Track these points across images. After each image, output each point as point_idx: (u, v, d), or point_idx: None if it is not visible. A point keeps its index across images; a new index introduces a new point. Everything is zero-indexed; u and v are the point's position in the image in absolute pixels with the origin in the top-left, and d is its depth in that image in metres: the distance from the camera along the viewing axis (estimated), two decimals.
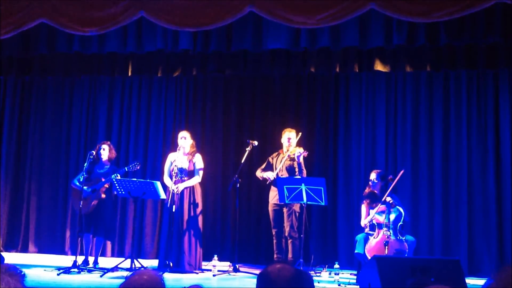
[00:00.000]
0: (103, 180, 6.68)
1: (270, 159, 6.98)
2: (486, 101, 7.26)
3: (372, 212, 6.28)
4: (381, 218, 6.12)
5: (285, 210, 6.69)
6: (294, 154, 6.67)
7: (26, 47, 7.16)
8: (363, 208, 6.54)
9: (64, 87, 8.57)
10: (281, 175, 6.69)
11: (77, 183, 6.78)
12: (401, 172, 6.41)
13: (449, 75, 7.37)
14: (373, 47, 6.52)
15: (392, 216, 6.16)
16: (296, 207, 6.61)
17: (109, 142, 7.10)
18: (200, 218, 6.76)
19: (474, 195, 7.20)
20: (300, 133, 6.87)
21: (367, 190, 6.60)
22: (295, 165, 6.67)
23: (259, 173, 6.94)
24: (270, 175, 6.76)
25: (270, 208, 6.84)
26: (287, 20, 5.98)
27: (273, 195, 6.73)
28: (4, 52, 7.20)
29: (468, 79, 7.33)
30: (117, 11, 6.30)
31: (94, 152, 6.75)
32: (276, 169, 6.79)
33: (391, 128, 7.58)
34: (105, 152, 6.87)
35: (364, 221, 6.44)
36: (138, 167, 6.82)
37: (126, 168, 6.76)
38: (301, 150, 6.65)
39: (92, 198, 6.63)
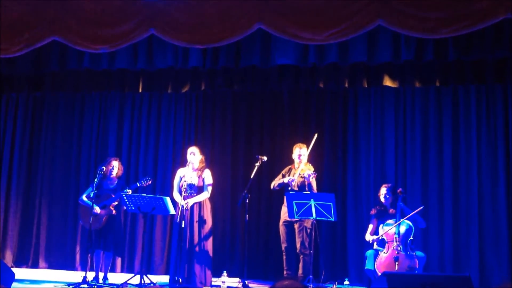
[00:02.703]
0: (113, 196, 6.71)
1: (283, 172, 6.98)
2: (496, 115, 7.25)
3: (384, 227, 6.27)
4: (390, 231, 6.10)
5: (296, 226, 6.67)
6: (304, 174, 6.66)
7: (38, 64, 7.25)
8: (371, 220, 6.54)
9: (75, 104, 8.65)
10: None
11: (85, 199, 6.82)
12: (420, 208, 6.36)
13: (458, 90, 7.37)
14: (381, 62, 6.54)
15: (402, 228, 6.13)
16: (307, 223, 6.59)
17: (118, 158, 7.13)
18: (209, 234, 6.75)
19: (485, 209, 7.15)
20: (316, 134, 6.84)
21: (373, 211, 6.59)
22: (306, 183, 6.65)
23: (276, 181, 6.89)
24: (287, 179, 6.71)
25: (281, 224, 6.82)
26: (296, 36, 6.02)
27: (285, 211, 6.72)
28: (16, 69, 7.30)
29: (477, 93, 7.32)
30: (128, 29, 6.37)
31: (104, 168, 6.79)
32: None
33: (401, 143, 7.56)
34: (116, 168, 6.91)
35: (371, 237, 6.41)
36: (150, 182, 6.82)
37: (137, 183, 6.77)
38: (310, 171, 6.62)
39: (102, 214, 6.66)
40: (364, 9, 5.80)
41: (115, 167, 6.90)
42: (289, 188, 6.69)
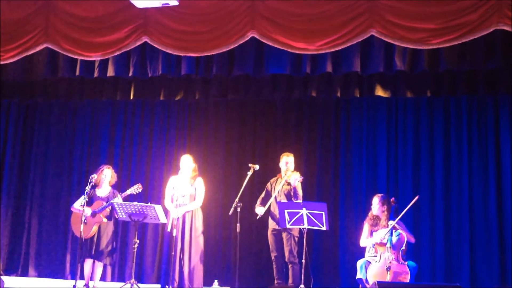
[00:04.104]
0: (103, 204, 6.68)
1: (268, 185, 6.98)
2: (487, 126, 7.28)
3: (375, 234, 6.27)
4: (384, 240, 6.10)
5: (284, 234, 6.66)
6: (290, 179, 6.67)
7: (30, 71, 7.23)
8: (365, 227, 6.51)
9: (67, 111, 8.63)
10: (280, 200, 6.67)
11: (77, 207, 6.79)
12: (416, 197, 6.34)
13: (449, 101, 7.41)
14: (373, 72, 6.57)
15: (394, 238, 6.13)
16: (295, 232, 6.59)
17: (110, 166, 7.11)
18: (201, 243, 6.73)
19: (476, 219, 7.17)
20: (292, 154, 6.87)
21: (366, 221, 6.58)
22: (292, 187, 6.66)
23: (257, 205, 6.95)
24: (259, 211, 6.76)
25: (269, 233, 6.82)
26: (288, 46, 6.04)
27: (272, 220, 6.74)
28: (8, 76, 7.28)
29: (468, 104, 7.36)
30: (121, 36, 6.38)
31: (96, 176, 6.76)
32: (274, 193, 6.78)
33: (392, 152, 7.58)
34: (108, 176, 6.88)
35: (365, 242, 6.41)
36: (140, 190, 6.80)
37: (128, 191, 6.75)
38: (296, 176, 6.64)
39: (93, 222, 6.62)
40: (356, 19, 5.84)
41: (107, 175, 6.88)
42: (276, 198, 6.68)
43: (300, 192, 6.65)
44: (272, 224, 6.75)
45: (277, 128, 8.03)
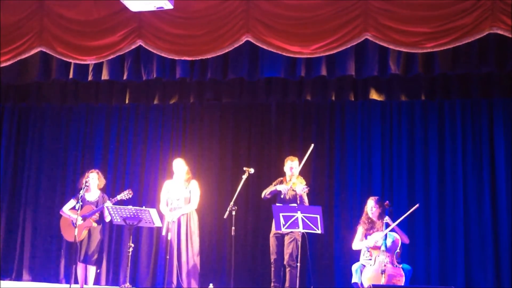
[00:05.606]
0: (93, 208, 6.67)
1: (274, 183, 6.96)
2: (481, 129, 7.31)
3: (369, 238, 6.27)
4: (378, 243, 6.10)
5: (286, 238, 6.65)
6: (296, 188, 6.66)
7: (24, 75, 7.20)
8: (359, 230, 6.52)
9: (61, 114, 8.60)
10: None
11: (66, 211, 6.77)
12: (416, 205, 6.36)
13: (444, 104, 7.43)
14: (368, 76, 6.58)
15: (389, 241, 6.14)
16: (298, 236, 6.57)
17: (97, 170, 7.09)
18: (196, 246, 6.72)
19: (470, 222, 7.19)
20: (312, 145, 6.85)
21: (360, 224, 6.58)
22: (298, 196, 6.65)
23: (269, 189, 6.86)
24: (283, 188, 6.72)
25: (271, 235, 6.79)
26: (283, 49, 6.04)
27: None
28: (2, 79, 7.25)
29: (462, 108, 7.39)
30: (115, 40, 6.36)
31: (89, 180, 6.75)
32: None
33: (387, 156, 7.60)
34: (94, 180, 6.87)
35: (358, 245, 6.41)
36: (131, 196, 6.78)
37: (118, 196, 6.73)
38: (302, 184, 6.61)
39: (83, 226, 6.60)
40: (351, 23, 5.85)
41: (93, 178, 6.86)
42: (281, 196, 6.66)
43: (306, 200, 6.68)
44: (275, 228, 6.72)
45: (271, 132, 8.03)
